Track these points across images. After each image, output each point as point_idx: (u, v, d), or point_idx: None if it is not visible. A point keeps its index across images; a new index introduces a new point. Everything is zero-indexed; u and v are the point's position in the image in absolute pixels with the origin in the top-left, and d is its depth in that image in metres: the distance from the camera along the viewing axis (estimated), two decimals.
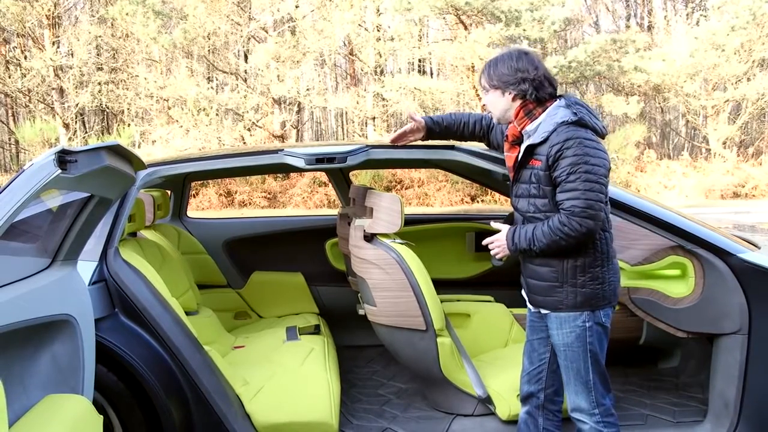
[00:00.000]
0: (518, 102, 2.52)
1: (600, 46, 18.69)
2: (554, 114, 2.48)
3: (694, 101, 20.52)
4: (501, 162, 3.09)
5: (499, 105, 2.58)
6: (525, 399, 2.78)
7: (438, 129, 2.98)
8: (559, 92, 2.59)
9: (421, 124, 2.96)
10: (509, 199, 2.77)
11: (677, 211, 3.04)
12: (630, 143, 19.23)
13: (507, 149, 2.68)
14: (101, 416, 2.41)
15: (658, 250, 3.04)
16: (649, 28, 25.46)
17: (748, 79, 19.92)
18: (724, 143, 20.44)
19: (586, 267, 2.47)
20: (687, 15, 23.03)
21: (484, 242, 2.65)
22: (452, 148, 3.21)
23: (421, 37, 22.71)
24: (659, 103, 22.53)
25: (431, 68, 26.49)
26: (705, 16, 20.59)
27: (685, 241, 2.88)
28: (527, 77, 2.49)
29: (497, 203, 17.11)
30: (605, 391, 2.57)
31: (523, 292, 2.75)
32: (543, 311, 2.60)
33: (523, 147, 2.53)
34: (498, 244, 2.60)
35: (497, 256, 2.64)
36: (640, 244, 3.27)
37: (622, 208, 2.92)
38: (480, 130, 2.99)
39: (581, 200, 2.35)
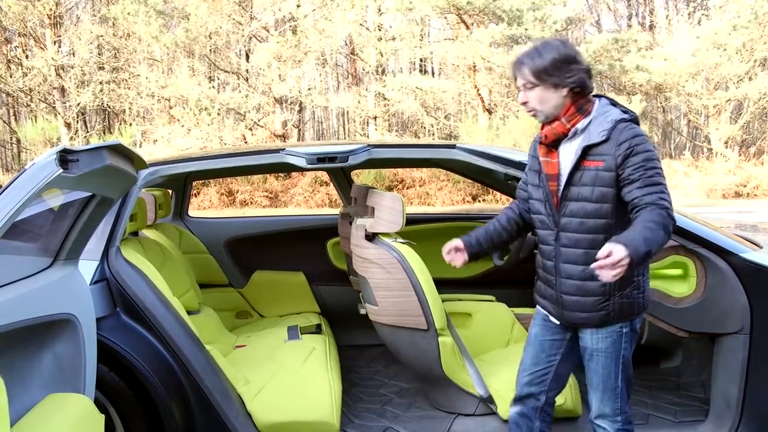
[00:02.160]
0: (570, 96, 2.33)
1: (602, 45, 18.70)
2: (606, 111, 2.34)
3: (695, 101, 20.50)
4: (502, 161, 3.08)
5: (552, 101, 2.34)
6: (522, 399, 2.63)
7: (479, 247, 2.71)
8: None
9: (461, 258, 2.70)
10: (510, 199, 2.71)
11: (679, 210, 3.04)
12: None
13: (544, 154, 2.43)
14: (103, 415, 2.41)
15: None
16: (651, 27, 25.44)
17: (750, 79, 19.90)
18: (726, 143, 20.42)
19: (633, 275, 2.33)
20: (689, 14, 22.99)
21: (606, 261, 2.05)
22: (453, 147, 3.21)
23: (422, 37, 22.70)
24: (661, 103, 22.52)
25: (433, 68, 26.47)
26: (707, 16, 20.58)
27: (687, 240, 2.88)
28: (581, 67, 2.31)
29: (498, 203, 17.11)
30: (629, 399, 2.50)
31: (542, 308, 2.58)
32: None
33: (579, 146, 2.31)
34: (623, 261, 2.04)
35: (615, 277, 2.07)
36: None
37: None
38: (517, 220, 2.71)
39: (666, 194, 2.22)
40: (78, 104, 20.48)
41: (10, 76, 20.81)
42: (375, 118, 21.23)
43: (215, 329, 3.82)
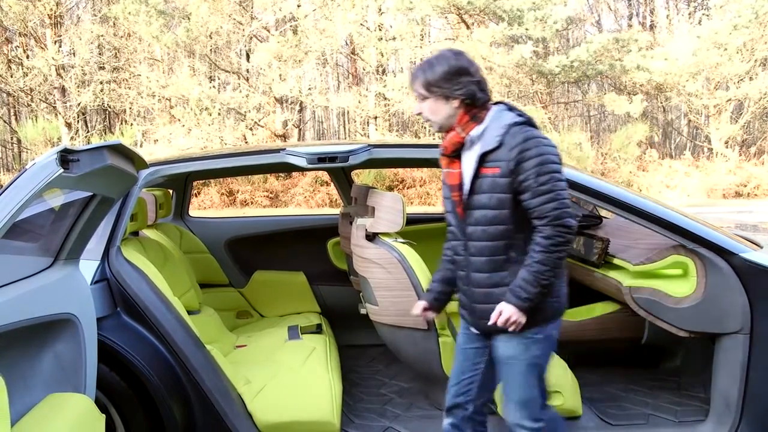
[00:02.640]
0: (462, 107, 2.36)
1: (602, 45, 18.67)
2: (499, 117, 2.36)
3: (696, 100, 20.48)
4: None
5: (443, 112, 2.38)
6: (450, 410, 2.58)
7: (443, 289, 2.67)
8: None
9: (432, 313, 2.69)
10: None
11: (679, 210, 3.04)
12: (632, 142, 19.21)
13: (446, 165, 2.45)
14: (103, 415, 2.41)
15: (660, 249, 3.04)
16: (651, 27, 25.42)
17: (751, 78, 19.88)
18: (726, 142, 20.41)
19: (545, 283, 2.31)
20: (689, 14, 22.98)
21: (498, 323, 2.29)
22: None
23: (423, 37, 22.69)
24: (661, 103, 22.50)
25: None
26: (707, 15, 20.55)
27: (687, 240, 2.88)
28: (472, 79, 2.35)
29: None
30: (544, 407, 2.46)
31: (462, 317, 2.58)
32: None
33: (475, 155, 2.34)
34: (511, 318, 2.27)
35: (513, 329, 2.31)
36: (642, 244, 3.27)
37: (625, 207, 2.92)
38: None
39: (558, 201, 2.24)
40: (79, 104, 20.47)
41: (11, 76, 20.79)
42: (375, 118, 21.22)
43: (216, 329, 3.82)
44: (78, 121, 21.19)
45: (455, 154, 2.42)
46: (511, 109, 2.40)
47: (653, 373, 3.71)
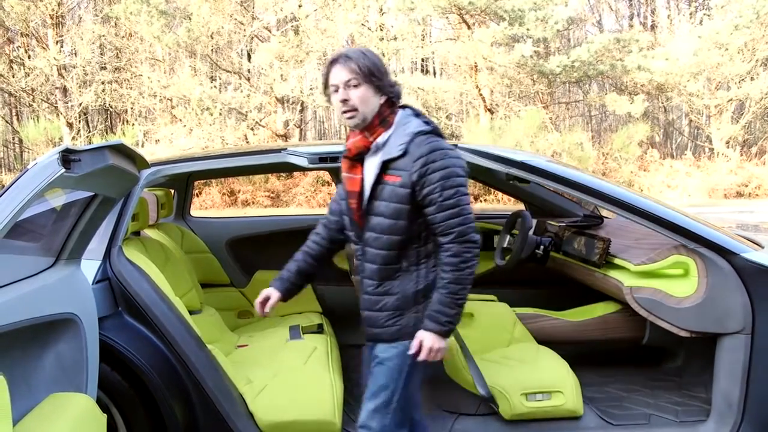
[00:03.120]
0: (384, 105, 2.29)
1: (603, 45, 18.66)
2: (406, 123, 2.28)
3: (697, 100, 20.47)
4: (504, 161, 3.09)
5: (371, 104, 2.26)
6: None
7: (297, 280, 2.64)
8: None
9: (275, 297, 2.61)
10: (511, 199, 2.71)
11: (680, 210, 3.04)
12: (633, 142, 19.19)
13: (347, 169, 2.35)
14: (105, 415, 2.41)
15: (662, 249, 3.04)
16: (653, 27, 25.41)
17: (752, 78, 19.86)
18: (728, 143, 20.39)
19: (428, 291, 2.28)
20: (690, 14, 22.98)
21: (421, 355, 2.21)
22: (455, 147, 3.21)
23: (424, 37, 22.68)
24: (662, 103, 22.49)
25: (434, 68, 26.46)
26: (708, 15, 20.55)
27: (688, 240, 2.88)
28: (392, 79, 2.30)
29: (500, 202, 17.10)
30: (403, 422, 2.35)
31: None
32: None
33: (378, 161, 2.25)
34: (434, 347, 2.21)
35: (442, 354, 2.25)
36: (643, 244, 3.27)
37: (626, 207, 2.92)
38: (326, 247, 2.64)
39: (464, 216, 2.20)
40: (80, 104, 20.49)
41: (13, 76, 20.81)
42: None
43: (217, 329, 3.82)
44: (79, 121, 21.21)
45: (358, 158, 2.33)
46: (417, 114, 2.34)
47: (654, 373, 3.71)
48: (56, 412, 2.16)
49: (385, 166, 2.25)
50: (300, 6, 19.73)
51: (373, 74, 2.24)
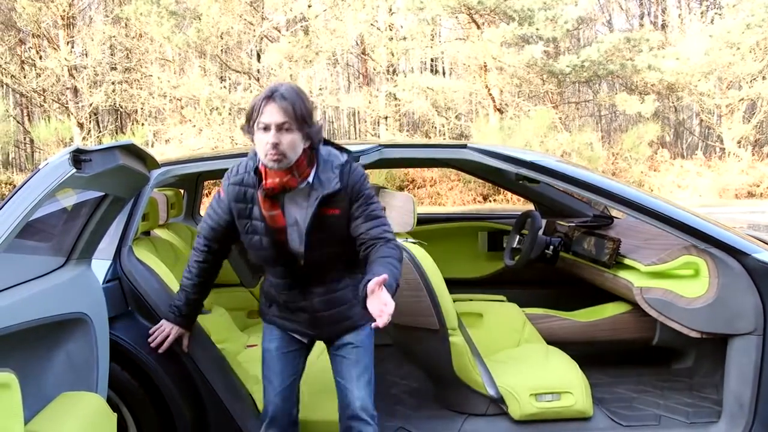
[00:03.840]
0: (308, 150, 2.34)
1: (613, 44, 18.62)
2: (328, 158, 2.37)
3: (708, 100, 20.38)
4: (513, 161, 3.08)
5: (299, 150, 2.29)
6: (274, 420, 2.53)
7: (190, 310, 2.72)
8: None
9: (176, 331, 2.72)
10: (520, 199, 2.75)
11: (691, 210, 3.02)
12: (643, 142, 19.13)
13: (269, 208, 2.37)
14: (115, 414, 2.42)
15: (672, 249, 3.02)
16: (663, 26, 25.31)
17: (764, 78, 19.74)
18: (739, 142, 20.28)
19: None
20: (701, 13, 22.86)
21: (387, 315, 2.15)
22: (464, 147, 3.21)
23: (433, 37, 22.67)
24: (673, 102, 22.39)
25: (444, 67, 26.43)
26: (719, 14, 20.44)
27: (699, 240, 2.87)
28: (318, 121, 2.37)
29: (509, 202, 17.07)
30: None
31: (283, 324, 2.59)
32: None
33: (315, 197, 2.32)
34: (389, 305, 2.17)
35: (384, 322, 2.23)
36: (654, 244, 3.25)
37: (636, 207, 2.91)
38: (210, 276, 2.70)
39: (388, 225, 2.40)
40: (90, 104, 20.60)
41: (24, 77, 20.96)
42: (386, 118, 21.23)
43: (226, 329, 3.83)
44: (90, 122, 21.32)
45: (276, 196, 2.37)
46: (327, 142, 2.44)
47: (665, 374, 3.69)
48: (67, 411, 2.18)
49: (323, 202, 2.34)
50: (309, 6, 19.76)
51: (305, 121, 2.28)
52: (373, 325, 2.18)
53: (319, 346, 3.51)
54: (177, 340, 2.77)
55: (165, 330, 2.73)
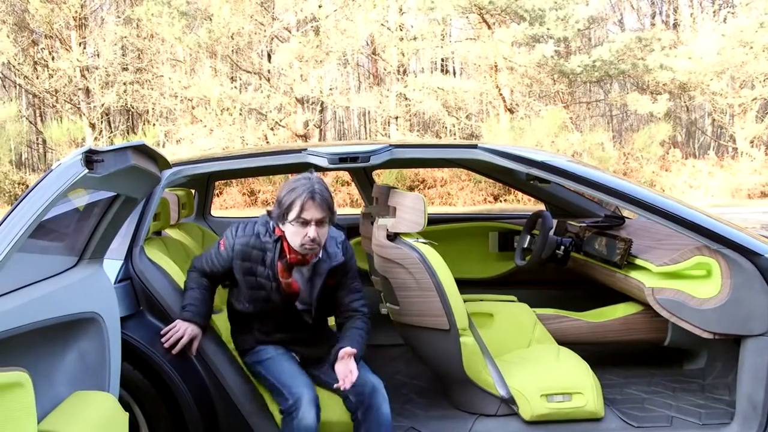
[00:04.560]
0: None
1: (625, 44, 18.54)
2: (330, 233, 2.80)
3: (720, 99, 20.26)
4: (524, 161, 3.07)
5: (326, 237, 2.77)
6: (311, 401, 2.67)
7: (204, 309, 2.90)
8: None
9: (190, 331, 2.81)
10: (531, 199, 2.78)
11: (703, 210, 3.01)
12: (655, 142, 19.04)
13: (285, 277, 2.79)
14: (127, 413, 2.43)
15: (684, 250, 3.01)
16: (675, 25, 25.18)
17: None
18: (752, 142, 20.15)
19: None
20: (714, 12, 22.74)
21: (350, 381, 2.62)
22: (475, 147, 3.20)
23: (444, 37, 22.65)
24: (685, 102, 22.27)
25: (454, 67, 26.42)
26: (732, 13, 20.33)
27: (711, 241, 2.85)
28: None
29: (520, 203, 17.04)
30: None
31: (292, 348, 2.95)
32: None
33: (323, 268, 2.80)
34: (354, 373, 2.63)
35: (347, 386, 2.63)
36: (666, 245, 3.24)
37: (647, 207, 2.90)
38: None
39: (364, 299, 2.95)
40: (102, 105, 20.71)
41: (37, 78, 21.10)
42: (396, 118, 21.24)
43: None
44: (101, 122, 21.43)
45: (291, 266, 2.79)
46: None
47: (676, 375, 3.67)
48: (79, 410, 2.19)
49: (330, 273, 2.82)
50: (320, 6, 19.78)
51: (333, 212, 2.72)
52: (335, 386, 2.61)
53: None
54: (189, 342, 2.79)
55: (180, 330, 2.77)
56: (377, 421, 2.71)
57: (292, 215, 2.63)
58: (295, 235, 2.66)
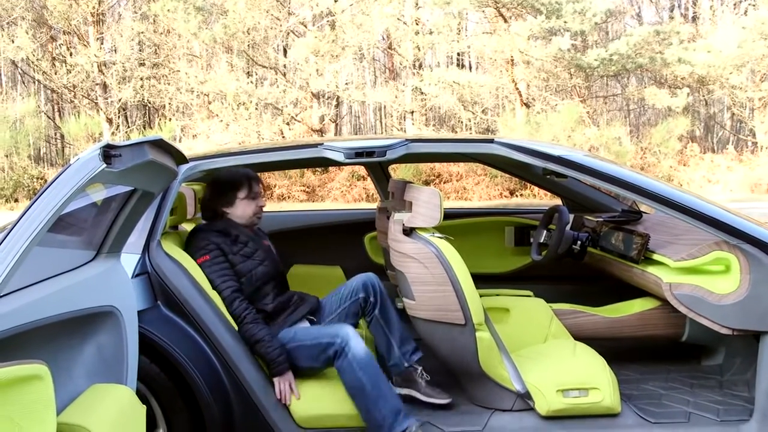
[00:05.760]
0: None
1: (642, 38, 18.37)
2: None
3: (740, 93, 20.03)
4: (541, 156, 3.06)
5: None
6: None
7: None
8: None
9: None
10: (548, 194, 2.77)
11: (722, 205, 2.98)
12: (673, 137, 18.87)
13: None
14: (144, 406, 2.45)
15: (702, 245, 2.98)
16: (694, 18, 24.92)
17: None
18: None
19: None
20: (734, 4, 22.48)
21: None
22: (492, 141, 3.19)
23: (459, 31, 22.56)
24: (703, 96, 22.05)
25: (470, 62, 26.31)
26: (754, 5, 20.08)
27: (730, 236, 2.82)
28: None
29: (536, 197, 16.97)
30: None
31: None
32: None
33: (264, 234, 3.59)
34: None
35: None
36: (684, 240, 3.21)
37: (665, 202, 2.87)
38: None
39: None
40: (119, 100, 20.83)
41: (55, 73, 21.26)
42: (412, 112, 21.19)
43: None
44: (119, 117, 21.57)
45: None
46: None
47: (694, 370, 3.65)
48: (98, 402, 2.21)
49: None
50: (336, 1, 19.75)
51: None
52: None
53: None
54: (202, 332, 2.85)
55: (285, 390, 2.92)
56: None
57: (242, 193, 3.30)
58: (247, 208, 3.31)
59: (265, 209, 3.47)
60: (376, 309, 3.27)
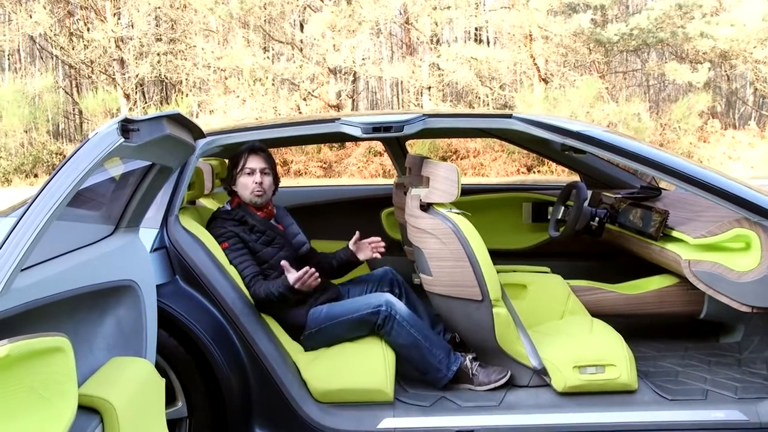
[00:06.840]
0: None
1: (664, 11, 18.07)
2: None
3: (764, 68, 19.69)
4: (559, 131, 3.03)
5: (270, 191, 3.38)
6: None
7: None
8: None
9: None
10: (566, 170, 2.74)
11: (743, 182, 2.94)
12: (693, 113, 18.64)
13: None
14: (163, 379, 2.48)
15: (722, 222, 2.95)
16: None
17: None
18: None
19: None
20: None
21: None
22: (510, 116, 3.16)
23: (477, 5, 22.30)
24: (725, 71, 21.71)
25: (488, 37, 26.04)
26: None
27: (751, 213, 2.79)
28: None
29: (554, 173, 16.86)
30: None
31: None
32: None
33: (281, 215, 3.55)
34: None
35: None
36: (704, 216, 3.18)
37: (685, 179, 2.84)
38: None
39: None
40: (136, 75, 20.87)
41: (73, 49, 21.29)
42: (429, 88, 21.06)
43: None
44: (136, 93, 21.61)
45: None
46: None
47: (712, 348, 3.63)
48: (118, 375, 2.23)
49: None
50: None
51: (275, 168, 3.32)
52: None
53: None
54: (220, 306, 2.88)
55: (302, 281, 2.95)
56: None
57: (238, 168, 3.22)
58: (244, 187, 3.23)
59: (281, 185, 3.46)
60: (402, 299, 3.36)
